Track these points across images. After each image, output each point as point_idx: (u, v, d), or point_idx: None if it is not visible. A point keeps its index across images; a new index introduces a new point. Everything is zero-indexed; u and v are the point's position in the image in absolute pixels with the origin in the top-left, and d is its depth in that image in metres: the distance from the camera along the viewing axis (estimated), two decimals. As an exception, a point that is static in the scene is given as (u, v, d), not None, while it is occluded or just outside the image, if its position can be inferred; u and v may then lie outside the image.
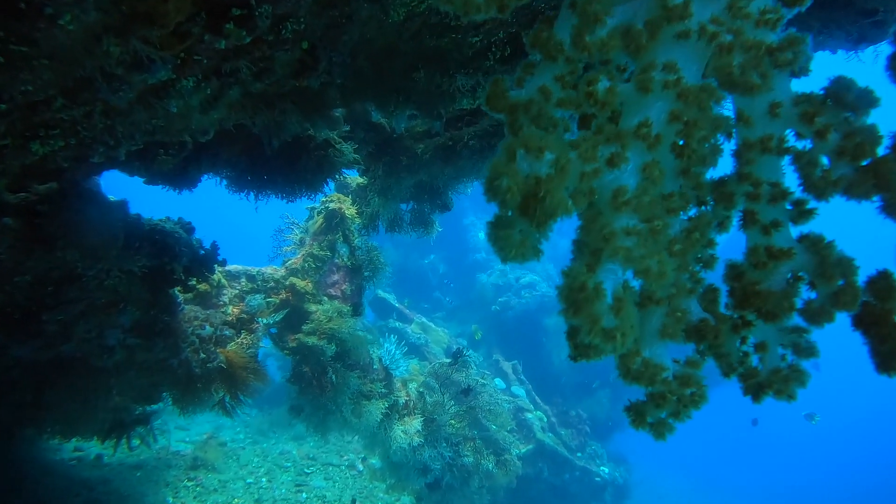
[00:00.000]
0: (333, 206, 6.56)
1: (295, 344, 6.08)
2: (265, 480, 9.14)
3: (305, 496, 8.81)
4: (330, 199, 6.65)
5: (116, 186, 4.29)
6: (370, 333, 7.52)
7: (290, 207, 7.32)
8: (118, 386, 5.16)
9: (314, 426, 6.31)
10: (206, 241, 4.60)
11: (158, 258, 3.93)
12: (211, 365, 4.98)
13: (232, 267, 6.16)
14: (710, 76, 1.14)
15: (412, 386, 8.22)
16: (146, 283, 4.05)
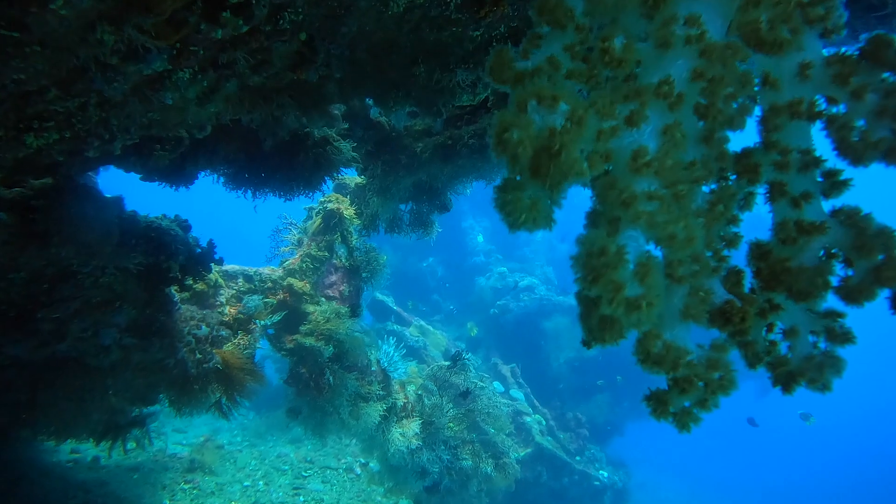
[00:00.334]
0: (332, 206, 6.52)
1: (292, 345, 6.03)
2: (262, 483, 9.08)
3: (303, 499, 8.75)
4: (328, 199, 6.61)
5: (113, 185, 4.25)
6: (368, 336, 7.48)
7: (288, 208, 7.29)
8: (114, 387, 5.11)
9: (312, 428, 6.26)
10: (202, 240, 4.56)
11: (154, 256, 3.89)
12: (207, 366, 4.93)
13: (229, 267, 6.12)
14: (734, 35, 1.04)
15: (410, 388, 8.17)
16: (142, 281, 4.01)
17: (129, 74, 2.27)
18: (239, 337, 5.51)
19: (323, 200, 6.66)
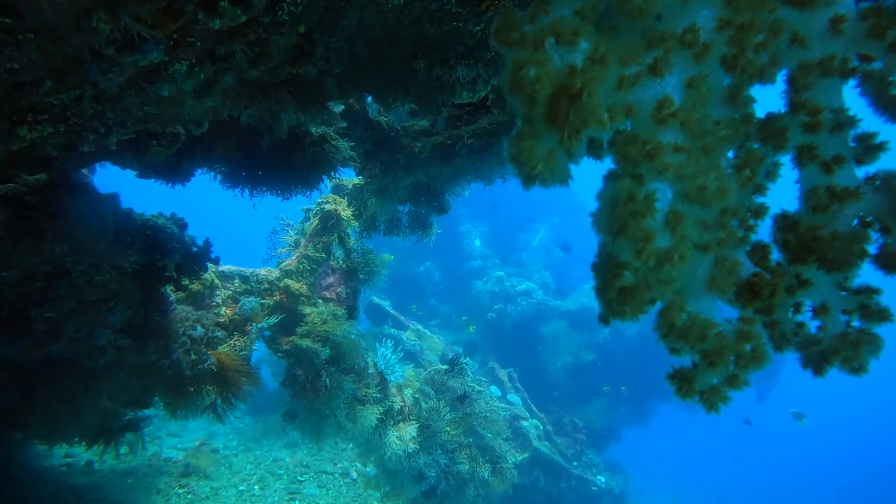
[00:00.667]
0: (329, 207, 6.48)
1: (289, 346, 5.98)
2: (258, 488, 9.03)
3: (298, 504, 8.71)
4: (326, 200, 6.58)
5: (109, 184, 4.21)
6: (364, 339, 7.43)
7: (285, 209, 7.26)
8: (108, 389, 5.05)
9: (308, 431, 6.21)
10: (198, 240, 4.51)
11: (150, 254, 3.84)
12: (202, 367, 4.87)
13: (225, 267, 6.07)
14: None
15: (407, 392, 8.12)
16: (137, 280, 3.96)
17: (125, 65, 2.23)
18: (235, 338, 5.46)
19: (320, 202, 6.62)
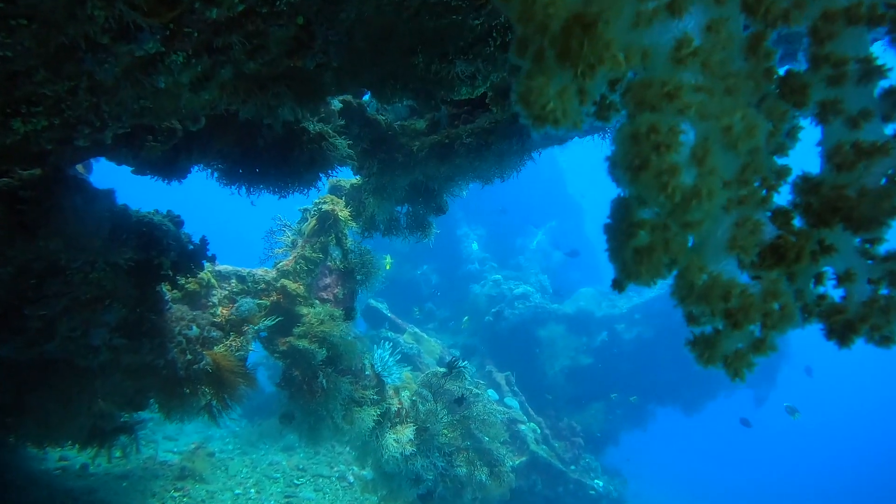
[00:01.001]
0: (326, 207, 6.45)
1: (285, 347, 5.94)
2: (254, 491, 8.98)
3: (294, 508, 8.67)
4: (323, 200, 6.54)
5: (104, 181, 4.17)
6: (361, 342, 7.39)
7: (282, 210, 7.23)
8: (102, 389, 5.00)
9: (305, 433, 6.16)
10: (194, 238, 4.48)
11: (145, 251, 3.80)
12: (197, 367, 4.83)
13: (222, 267, 6.03)
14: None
15: (405, 394, 8.08)
16: (133, 278, 3.92)
17: (120, 55, 2.21)
18: (231, 339, 5.42)
19: (318, 202, 6.59)
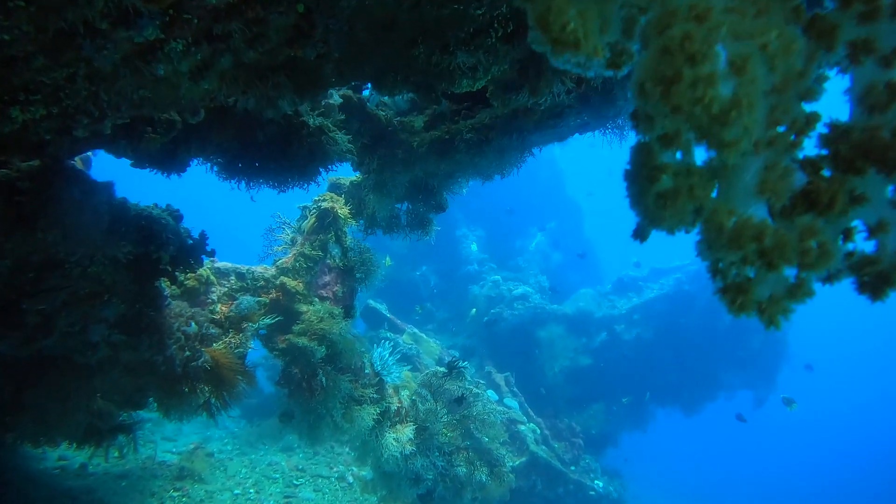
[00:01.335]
0: (326, 205, 6.43)
1: (285, 345, 5.92)
2: (253, 492, 8.95)
3: (294, 508, 8.65)
4: (323, 198, 6.53)
5: (103, 176, 4.16)
6: (360, 342, 7.37)
7: (281, 207, 7.22)
8: (101, 388, 4.98)
9: (304, 431, 6.14)
10: (194, 233, 4.46)
11: (144, 245, 3.78)
12: (196, 363, 4.81)
13: (221, 264, 6.01)
14: None
15: (405, 393, 8.05)
16: (131, 272, 3.90)
17: (119, 42, 2.19)
18: (230, 336, 5.39)
19: (317, 199, 6.57)
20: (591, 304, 17.02)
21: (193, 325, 4.86)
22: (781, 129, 0.87)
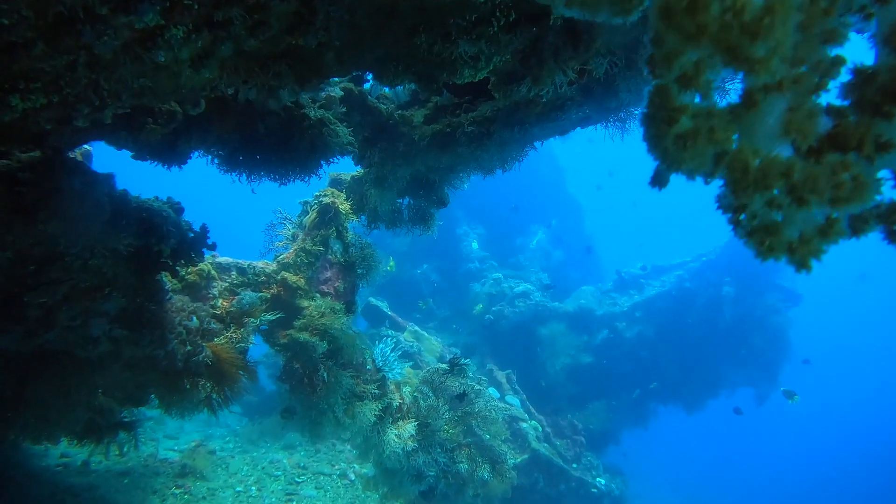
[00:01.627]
0: (327, 200, 6.42)
1: (286, 340, 5.90)
2: (255, 489, 8.94)
3: (296, 505, 8.64)
4: (324, 193, 6.51)
5: (103, 170, 4.14)
6: (361, 339, 7.35)
7: (282, 203, 7.20)
8: (103, 383, 4.97)
9: (306, 427, 6.12)
10: (195, 227, 4.44)
11: (145, 238, 3.77)
12: (197, 359, 4.79)
13: (222, 259, 6.00)
14: None
15: (406, 390, 8.04)
16: (132, 265, 3.89)
17: (119, 27, 2.18)
18: (231, 331, 5.38)
19: (318, 195, 6.56)
20: (592, 301, 16.99)
21: (195, 319, 4.85)
22: (805, 69, 0.83)
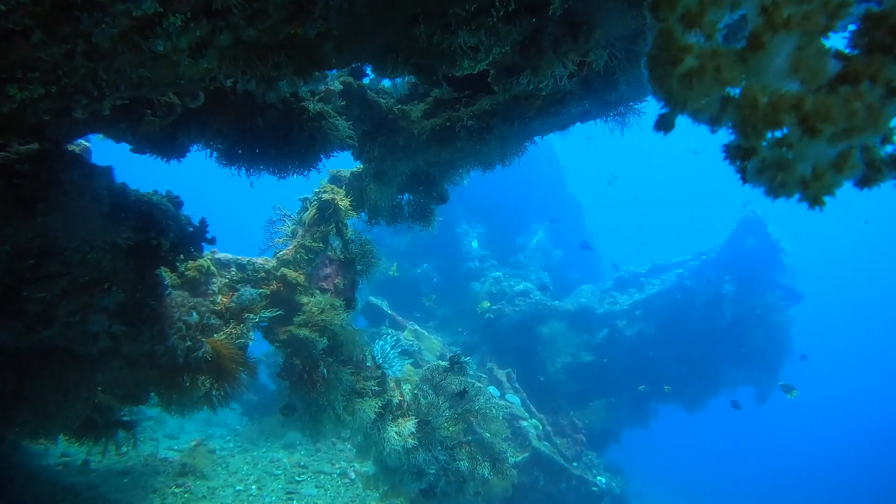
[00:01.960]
0: (326, 196, 6.40)
1: (286, 336, 5.89)
2: (255, 488, 8.93)
3: (296, 504, 8.62)
4: (323, 189, 6.50)
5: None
6: (361, 336, 7.33)
7: (282, 200, 7.19)
8: (103, 379, 4.95)
9: (306, 423, 6.11)
10: (194, 221, 4.43)
11: (144, 232, 3.76)
12: (197, 354, 4.78)
13: (222, 255, 5.99)
14: None
15: (406, 387, 8.02)
16: (132, 259, 3.88)
17: (117, 15, 2.17)
18: (231, 327, 5.36)
19: (318, 191, 6.54)
20: (592, 300, 16.98)
21: (195, 314, 4.84)
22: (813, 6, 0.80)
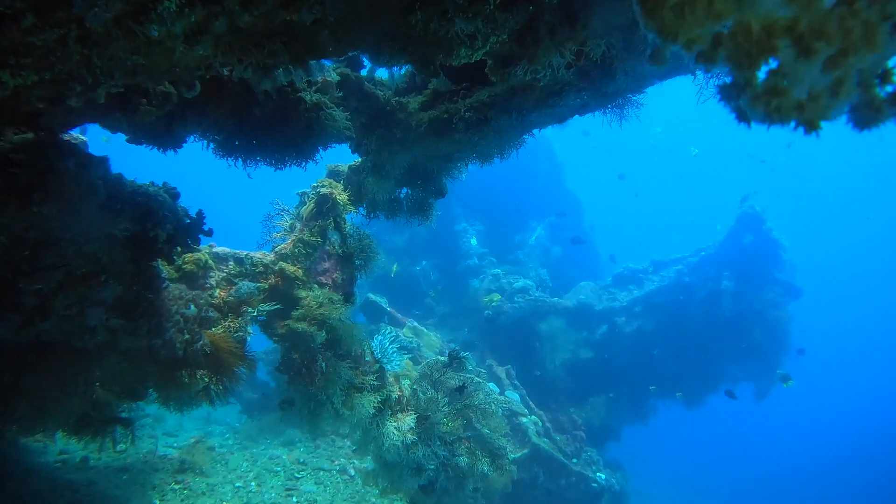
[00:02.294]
0: (325, 191, 6.39)
1: (284, 330, 5.87)
2: (254, 484, 8.93)
3: (295, 500, 8.59)
4: (321, 183, 6.48)
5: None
6: (359, 330, 7.32)
7: (280, 194, 7.17)
8: (101, 374, 4.94)
9: (305, 418, 6.09)
10: (191, 213, 4.41)
11: (141, 223, 3.74)
12: (195, 346, 4.76)
13: (219, 249, 5.97)
14: None
15: (405, 383, 8.01)
16: (128, 251, 3.86)
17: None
18: (229, 320, 5.35)
19: (316, 185, 6.53)
20: (591, 296, 16.96)
21: (193, 307, 4.82)
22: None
